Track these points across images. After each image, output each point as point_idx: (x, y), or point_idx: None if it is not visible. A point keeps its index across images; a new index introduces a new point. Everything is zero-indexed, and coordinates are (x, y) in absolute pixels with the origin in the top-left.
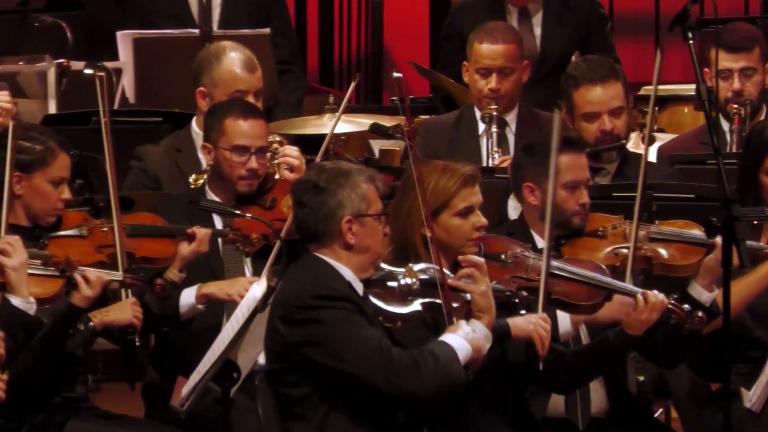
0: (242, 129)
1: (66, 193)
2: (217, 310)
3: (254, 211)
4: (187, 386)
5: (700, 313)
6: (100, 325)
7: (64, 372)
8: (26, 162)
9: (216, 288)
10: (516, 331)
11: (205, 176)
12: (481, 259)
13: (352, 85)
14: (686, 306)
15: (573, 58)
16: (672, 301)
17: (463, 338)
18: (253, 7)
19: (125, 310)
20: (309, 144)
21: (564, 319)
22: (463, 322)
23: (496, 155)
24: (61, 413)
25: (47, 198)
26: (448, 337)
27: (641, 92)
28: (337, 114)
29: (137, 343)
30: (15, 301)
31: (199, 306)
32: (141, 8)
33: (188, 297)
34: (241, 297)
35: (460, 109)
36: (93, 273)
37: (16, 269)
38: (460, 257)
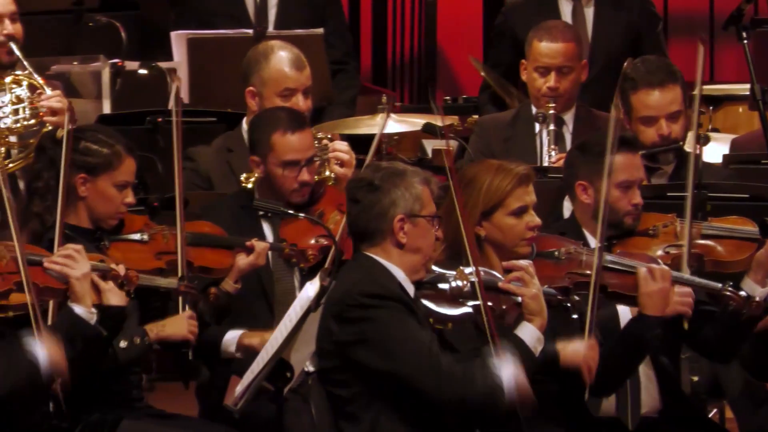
0: (291, 144)
1: (130, 197)
2: (268, 310)
3: (302, 223)
4: (240, 385)
5: (757, 298)
6: (155, 339)
7: (119, 372)
8: (93, 165)
9: (258, 340)
10: (565, 360)
11: (256, 175)
12: (526, 262)
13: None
14: (743, 292)
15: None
16: (729, 288)
17: (510, 365)
18: (309, 8)
19: (181, 325)
20: (361, 144)
21: (625, 313)
22: (510, 349)
23: (552, 153)
24: (115, 412)
25: (111, 201)
26: (496, 355)
27: (695, 92)
28: (386, 117)
29: (190, 358)
30: (78, 310)
31: (237, 354)
32: (197, 8)
33: (230, 343)
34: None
35: (517, 108)
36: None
37: (80, 279)
38: (504, 263)
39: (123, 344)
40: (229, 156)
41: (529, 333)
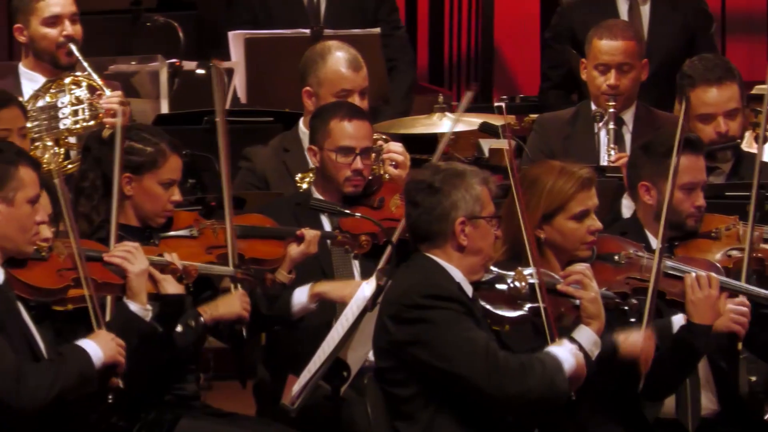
0: (347, 130)
1: (176, 195)
2: (327, 307)
3: (362, 211)
4: (297, 384)
5: None
6: (210, 320)
7: (176, 370)
8: (137, 163)
9: (330, 287)
10: (623, 349)
11: (311, 175)
12: (584, 265)
13: (469, 95)
14: None
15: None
16: None
17: (569, 352)
18: (358, 8)
19: (234, 303)
20: (418, 144)
21: (679, 321)
22: (566, 340)
23: (612, 152)
24: (173, 411)
25: (157, 200)
26: (555, 349)
27: (754, 91)
28: (453, 118)
29: (244, 336)
30: (133, 307)
31: (311, 305)
32: (251, 8)
33: (301, 296)
34: None
35: (576, 106)
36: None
37: (137, 275)
38: (562, 273)
39: (179, 329)
40: (285, 156)
41: (586, 336)
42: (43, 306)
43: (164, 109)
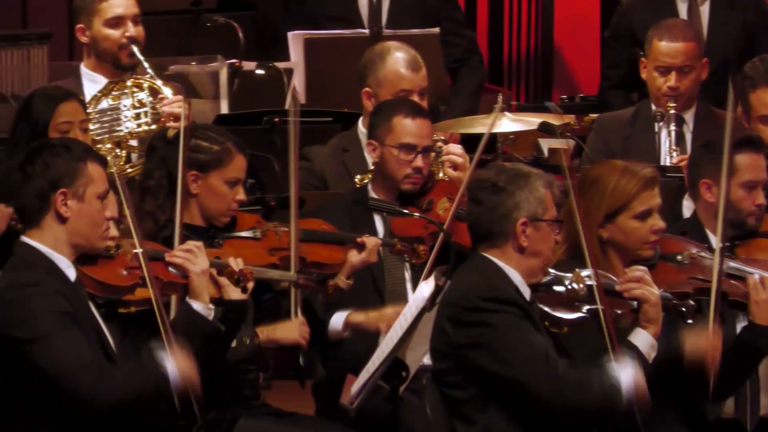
0: (410, 127)
1: (241, 195)
2: (379, 303)
3: (413, 218)
4: (356, 384)
5: None
6: (266, 341)
7: (236, 370)
8: (203, 162)
9: (364, 318)
10: (690, 347)
11: (370, 176)
12: (642, 268)
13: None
14: None
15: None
16: None
17: (629, 367)
18: (422, 9)
19: (293, 330)
20: (477, 143)
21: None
22: (625, 354)
23: (674, 154)
24: (233, 411)
25: (222, 198)
26: (614, 364)
27: None
28: (494, 116)
29: (302, 363)
30: (196, 306)
31: (345, 333)
32: (310, 8)
33: (337, 322)
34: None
35: (636, 106)
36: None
37: (199, 275)
38: (618, 288)
39: (233, 344)
40: (344, 156)
41: (643, 340)
42: (111, 304)
43: (224, 109)
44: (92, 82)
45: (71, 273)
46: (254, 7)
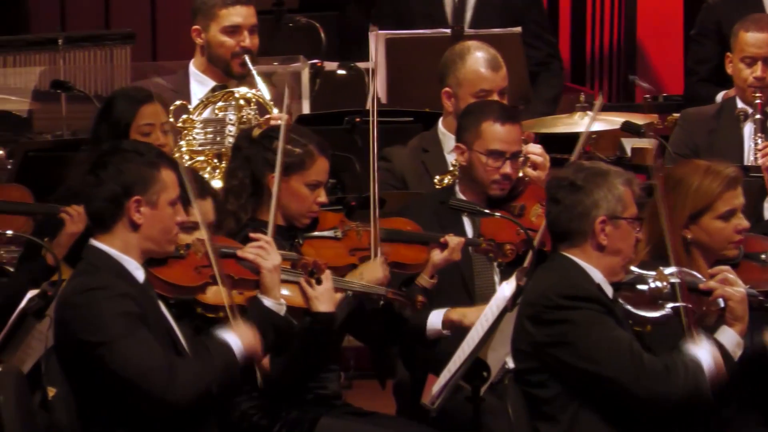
0: (499, 134)
1: (322, 197)
2: (469, 304)
3: (503, 219)
4: (437, 384)
5: None
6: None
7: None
8: (285, 164)
9: (464, 315)
10: None
11: (449, 177)
12: (727, 267)
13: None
14: None
15: None
16: None
17: (709, 354)
18: (507, 9)
19: (376, 270)
20: (560, 143)
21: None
22: (705, 341)
23: (758, 141)
24: (314, 410)
25: (303, 201)
26: (695, 350)
27: None
28: (591, 116)
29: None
30: (267, 302)
31: (445, 331)
32: (396, 8)
33: (435, 320)
34: None
35: (722, 101)
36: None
37: (270, 271)
38: (709, 272)
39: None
40: (424, 156)
41: (729, 337)
42: (182, 303)
43: (305, 109)
44: (199, 83)
45: (140, 275)
46: (336, 8)
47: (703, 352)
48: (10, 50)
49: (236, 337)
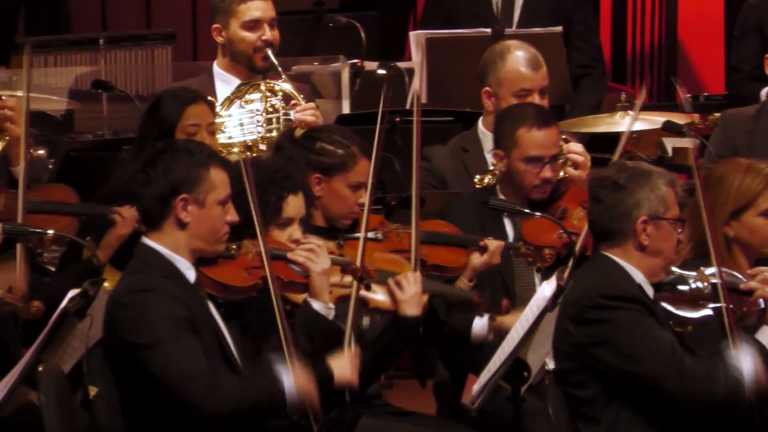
0: (536, 140)
1: (363, 198)
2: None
3: (545, 220)
4: (477, 384)
5: None
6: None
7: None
8: (327, 165)
9: (510, 320)
10: None
11: (489, 176)
12: (766, 268)
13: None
14: None
15: None
16: None
17: (750, 354)
18: (555, 10)
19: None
20: (601, 143)
21: None
22: (746, 343)
23: None
24: (354, 410)
25: (344, 202)
26: (736, 352)
27: None
28: (633, 115)
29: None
30: (316, 305)
31: (490, 336)
32: (444, 8)
33: (480, 326)
34: None
35: (762, 102)
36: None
37: (320, 274)
38: (749, 272)
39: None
40: (464, 156)
41: None
42: (231, 304)
43: (345, 109)
44: (224, 82)
45: (191, 275)
46: (376, 7)
47: (744, 354)
48: (51, 50)
49: (292, 380)
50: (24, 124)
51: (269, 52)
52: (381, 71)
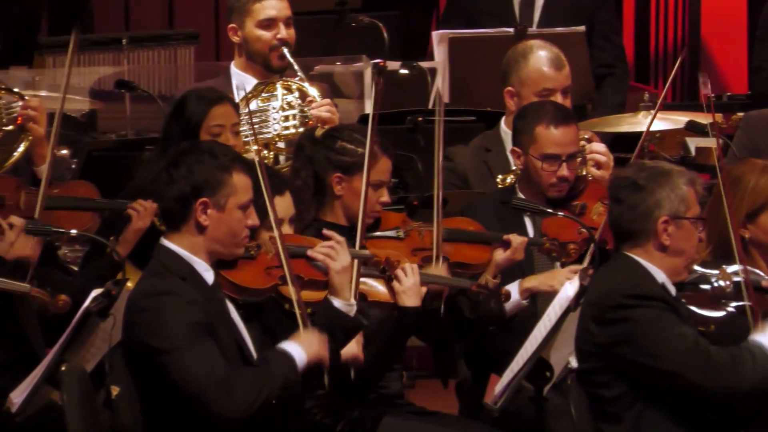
0: (553, 137)
1: (385, 197)
2: (531, 303)
3: (564, 218)
4: (500, 384)
5: None
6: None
7: None
8: (348, 164)
9: (537, 282)
10: None
11: (512, 176)
12: None
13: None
14: None
15: None
16: None
17: None
18: (576, 10)
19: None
20: (624, 142)
21: None
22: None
23: None
24: (377, 409)
25: (366, 201)
26: (760, 337)
27: None
28: (653, 113)
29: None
30: (337, 303)
31: (524, 302)
32: (465, 7)
33: (512, 293)
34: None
35: None
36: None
37: (339, 272)
38: (766, 283)
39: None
40: (486, 155)
41: None
42: (251, 305)
43: (368, 109)
44: (242, 82)
45: (209, 276)
46: (399, 7)
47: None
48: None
49: (300, 347)
50: (58, 117)
51: (285, 50)
52: (403, 71)
